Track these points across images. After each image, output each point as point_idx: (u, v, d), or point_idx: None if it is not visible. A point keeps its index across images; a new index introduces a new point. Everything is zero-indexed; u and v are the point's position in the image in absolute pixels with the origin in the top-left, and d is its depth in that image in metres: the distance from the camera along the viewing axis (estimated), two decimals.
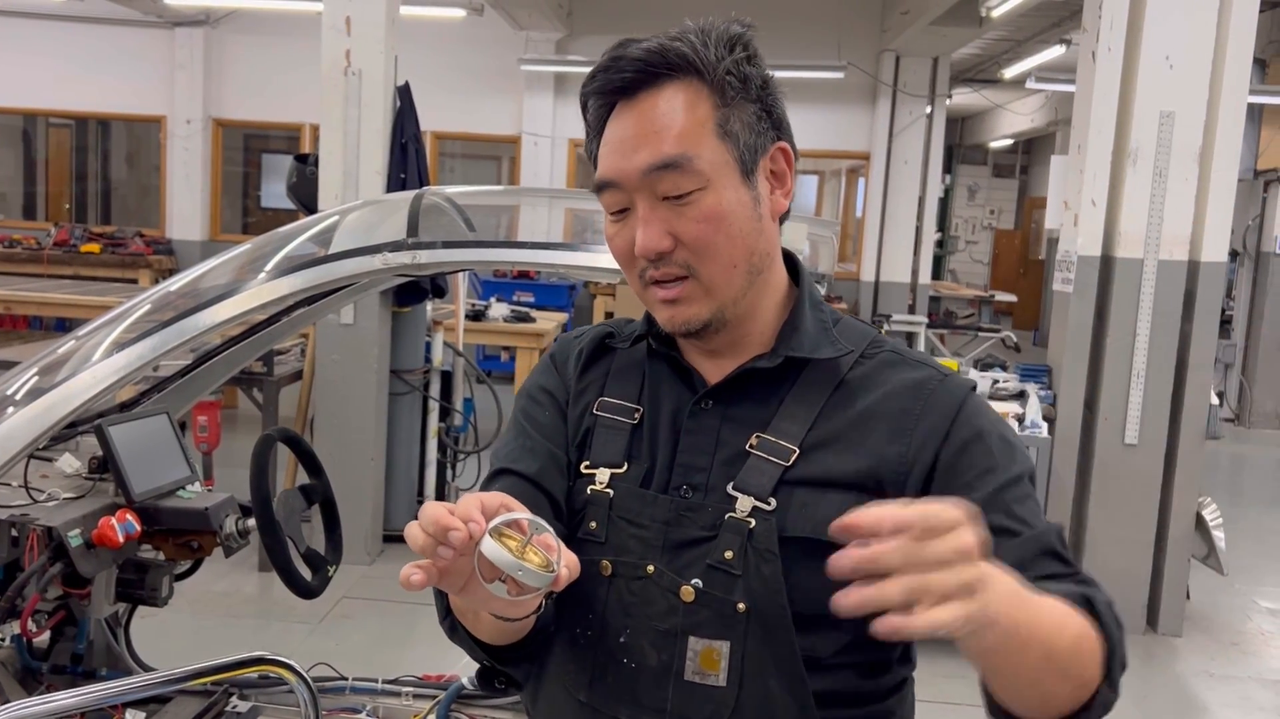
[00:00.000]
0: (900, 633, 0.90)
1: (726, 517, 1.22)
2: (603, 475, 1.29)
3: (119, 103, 11.34)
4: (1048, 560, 1.16)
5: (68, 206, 12.30)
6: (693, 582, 1.22)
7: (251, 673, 1.58)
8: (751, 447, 1.24)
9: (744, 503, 1.22)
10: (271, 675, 2.72)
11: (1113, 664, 1.09)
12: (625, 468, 1.29)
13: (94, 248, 10.20)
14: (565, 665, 1.28)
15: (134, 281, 9.92)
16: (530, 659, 1.31)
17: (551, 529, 1.01)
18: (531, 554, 0.99)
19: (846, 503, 1.13)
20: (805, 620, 1.19)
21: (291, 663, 1.56)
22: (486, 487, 1.31)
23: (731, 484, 1.23)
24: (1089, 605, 1.09)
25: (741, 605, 1.20)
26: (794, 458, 1.22)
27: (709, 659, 1.21)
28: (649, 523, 1.25)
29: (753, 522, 1.21)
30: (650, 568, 1.24)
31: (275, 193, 12.16)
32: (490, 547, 0.97)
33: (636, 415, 1.32)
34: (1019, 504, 1.19)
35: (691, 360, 1.32)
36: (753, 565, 1.20)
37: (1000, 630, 0.97)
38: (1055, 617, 1.05)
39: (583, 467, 1.32)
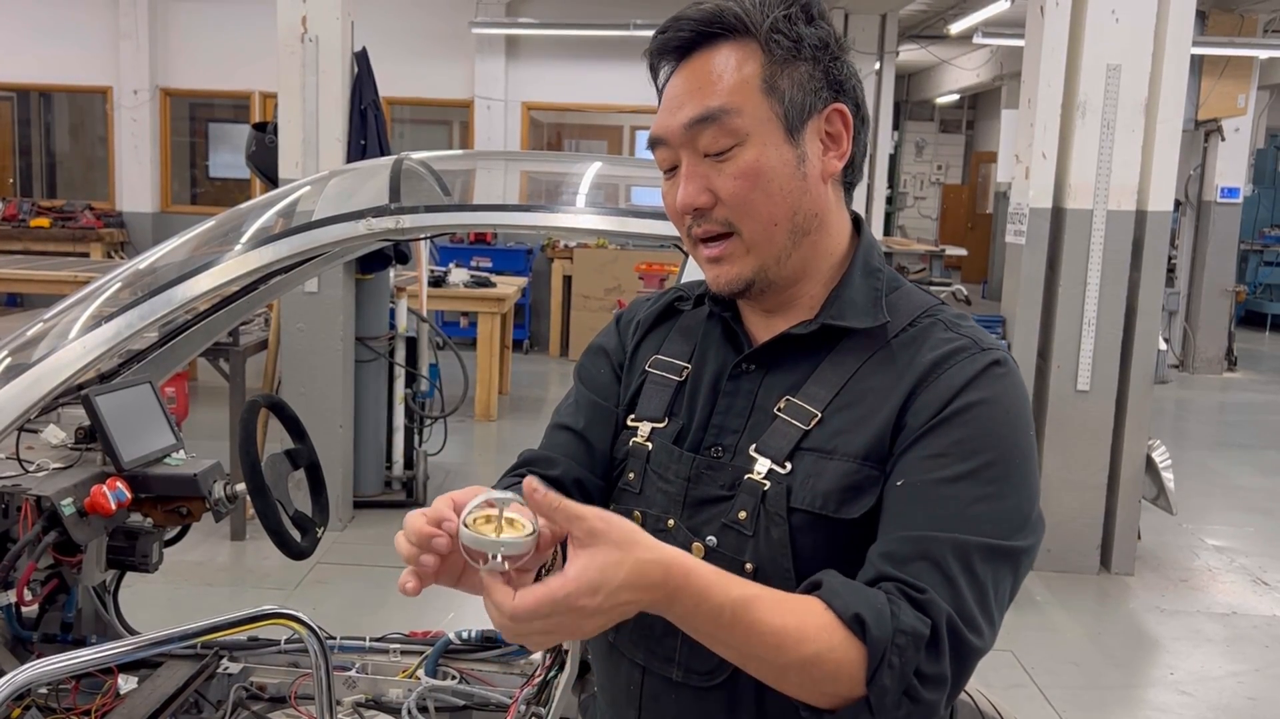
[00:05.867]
0: None
1: (744, 478, 1.24)
2: (644, 429, 1.34)
3: (63, 74, 11.13)
4: (920, 565, 1.13)
5: (12, 181, 12.08)
6: (707, 540, 1.26)
7: (262, 627, 1.63)
8: (779, 409, 1.25)
9: (762, 465, 1.24)
10: (260, 637, 2.79)
11: (871, 689, 1.07)
12: (665, 423, 1.34)
13: (43, 222, 10.05)
14: None
15: (85, 255, 9.80)
16: None
17: (519, 499, 1.03)
18: (510, 525, 1.02)
19: (847, 476, 1.20)
20: None
21: (302, 616, 1.62)
22: (544, 441, 1.40)
23: (754, 446, 1.25)
24: (861, 628, 1.08)
25: (749, 566, 1.22)
26: (814, 422, 1.23)
27: None
28: (674, 479, 1.30)
29: (767, 484, 1.22)
30: (671, 522, 1.29)
31: (224, 162, 12.00)
32: (468, 535, 1.01)
33: (683, 373, 1.36)
34: (949, 502, 1.16)
35: (747, 322, 1.35)
36: (763, 528, 1.22)
37: (675, 619, 1.07)
38: (771, 639, 1.07)
39: (628, 420, 1.36)
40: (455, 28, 10.61)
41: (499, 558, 1.00)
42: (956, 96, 17.54)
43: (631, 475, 1.33)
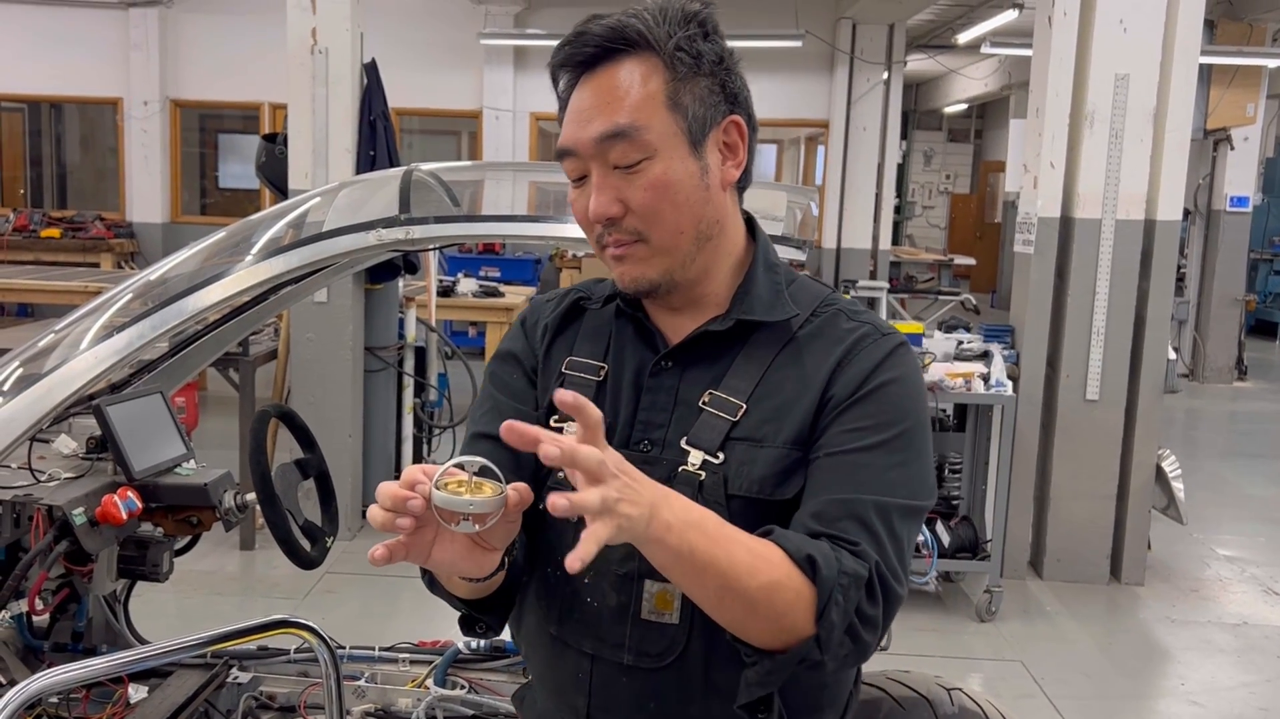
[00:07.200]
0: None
1: (679, 469, 1.31)
2: (572, 428, 1.35)
3: (74, 85, 11.19)
4: (848, 523, 1.23)
5: (22, 191, 12.14)
6: None
7: (272, 636, 1.64)
8: (704, 403, 1.33)
9: (695, 456, 1.31)
10: (270, 647, 2.80)
11: (820, 625, 1.17)
12: None
13: (54, 232, 10.09)
14: (539, 602, 1.40)
15: (95, 265, 9.84)
16: (505, 608, 1.42)
17: (486, 462, 1.11)
18: (481, 488, 1.09)
19: (779, 461, 1.29)
20: None
21: (313, 625, 1.63)
22: (464, 451, 1.41)
23: (685, 439, 1.33)
24: (811, 567, 1.17)
25: None
26: (741, 413, 1.32)
27: (664, 600, 1.32)
28: None
29: (703, 474, 1.30)
30: None
31: (233, 173, 12.06)
32: (440, 496, 1.07)
33: (601, 373, 1.41)
34: (868, 468, 1.27)
35: (656, 319, 1.41)
36: None
37: (669, 551, 1.11)
38: (745, 560, 1.15)
39: (553, 421, 1.40)
40: (464, 39, 10.65)
41: (469, 517, 1.07)
42: (964, 106, 17.57)
43: (563, 474, 1.33)
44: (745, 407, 1.32)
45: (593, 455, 1.04)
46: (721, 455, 1.31)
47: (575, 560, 1.00)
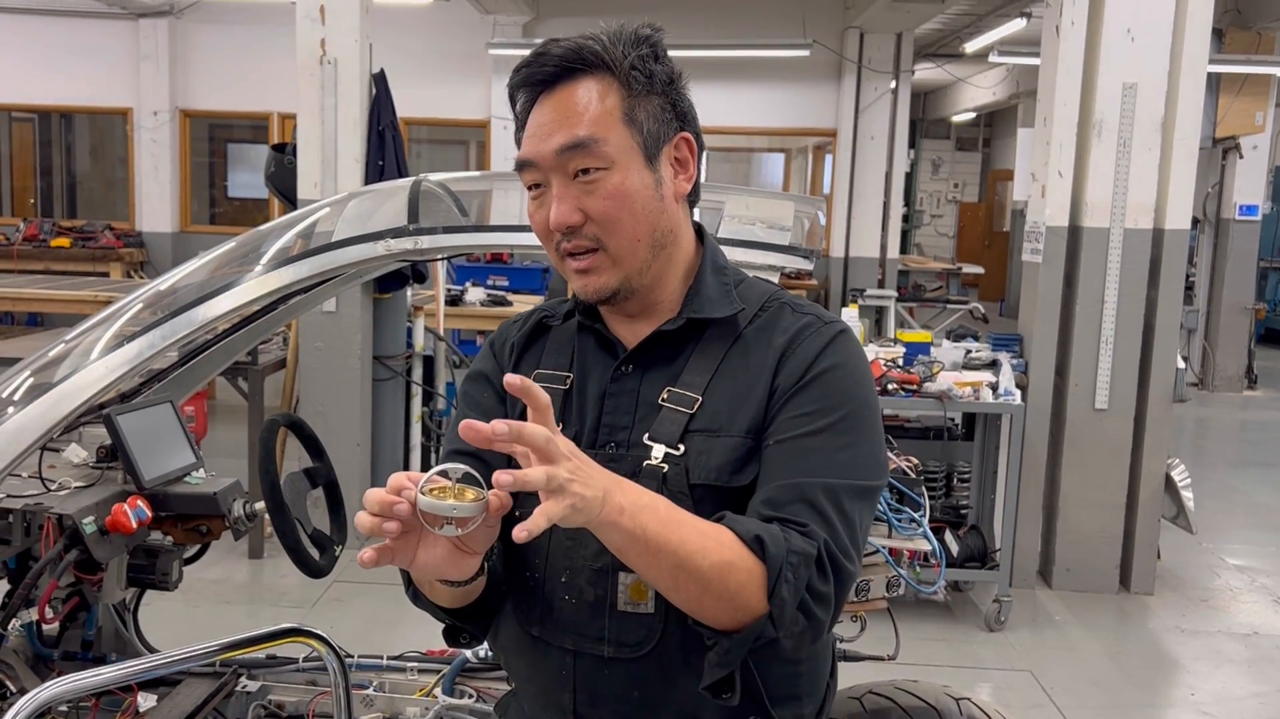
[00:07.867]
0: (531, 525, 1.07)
1: (644, 464, 1.39)
2: None
3: (84, 95, 11.24)
4: (797, 506, 1.31)
5: (32, 201, 12.20)
6: None
7: (281, 644, 1.64)
8: (663, 400, 1.41)
9: (657, 450, 1.39)
10: (279, 655, 2.80)
11: (772, 602, 1.24)
12: (560, 428, 1.41)
13: (64, 242, 10.14)
14: (519, 605, 1.45)
15: (105, 275, 9.87)
16: (486, 616, 1.47)
17: (469, 469, 1.16)
18: (464, 493, 1.14)
19: (735, 450, 1.36)
20: None
21: (322, 634, 1.63)
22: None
23: (647, 435, 1.40)
24: (760, 547, 1.24)
25: None
26: (696, 406, 1.39)
27: (638, 591, 1.38)
28: None
29: (666, 467, 1.37)
30: None
31: (242, 182, 12.10)
32: (425, 501, 1.12)
33: (567, 381, 1.48)
34: (815, 452, 1.34)
35: (613, 328, 1.49)
36: None
37: (624, 533, 1.17)
38: (696, 541, 1.22)
39: None
40: (472, 49, 10.68)
41: (452, 521, 1.12)
42: (973, 115, 17.54)
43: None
44: (701, 399, 1.39)
45: (539, 432, 1.10)
46: (682, 447, 1.38)
47: (521, 531, 1.06)
